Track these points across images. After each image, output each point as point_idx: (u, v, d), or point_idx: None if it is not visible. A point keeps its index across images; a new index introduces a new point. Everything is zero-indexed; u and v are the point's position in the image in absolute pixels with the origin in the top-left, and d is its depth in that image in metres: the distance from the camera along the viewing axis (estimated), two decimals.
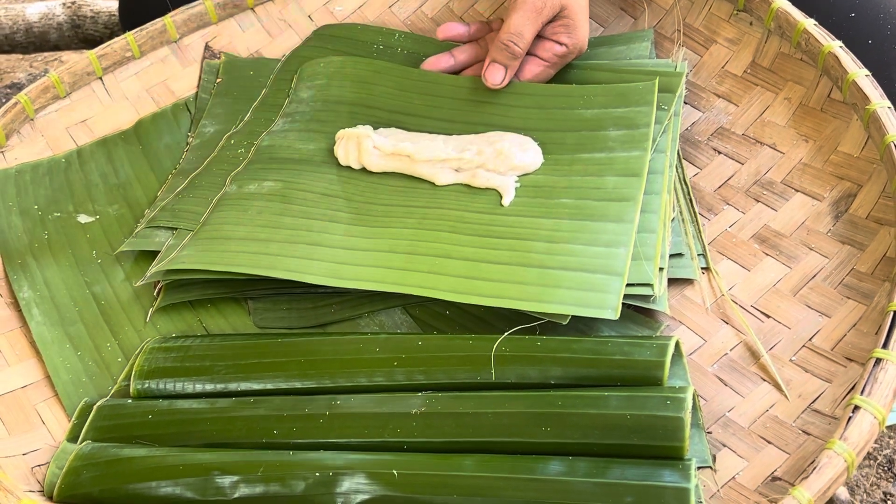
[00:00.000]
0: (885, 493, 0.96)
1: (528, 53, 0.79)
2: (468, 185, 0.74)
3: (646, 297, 0.66)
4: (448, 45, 0.86)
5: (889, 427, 1.00)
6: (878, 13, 0.79)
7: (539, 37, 0.78)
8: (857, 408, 0.55)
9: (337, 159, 0.79)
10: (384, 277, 0.68)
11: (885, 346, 0.57)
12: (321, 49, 0.89)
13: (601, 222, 0.68)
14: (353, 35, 0.90)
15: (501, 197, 0.72)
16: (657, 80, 0.76)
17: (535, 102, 0.78)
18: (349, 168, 0.78)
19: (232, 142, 0.83)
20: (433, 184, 0.75)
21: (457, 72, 0.84)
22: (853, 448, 0.53)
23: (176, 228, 0.76)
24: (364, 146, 0.77)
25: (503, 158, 0.74)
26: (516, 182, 0.73)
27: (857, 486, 0.97)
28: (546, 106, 0.78)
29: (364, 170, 0.78)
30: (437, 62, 0.83)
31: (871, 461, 0.99)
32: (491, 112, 0.79)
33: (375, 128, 0.80)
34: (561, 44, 0.78)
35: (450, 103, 0.81)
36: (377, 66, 0.84)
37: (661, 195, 0.71)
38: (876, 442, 1.00)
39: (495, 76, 0.78)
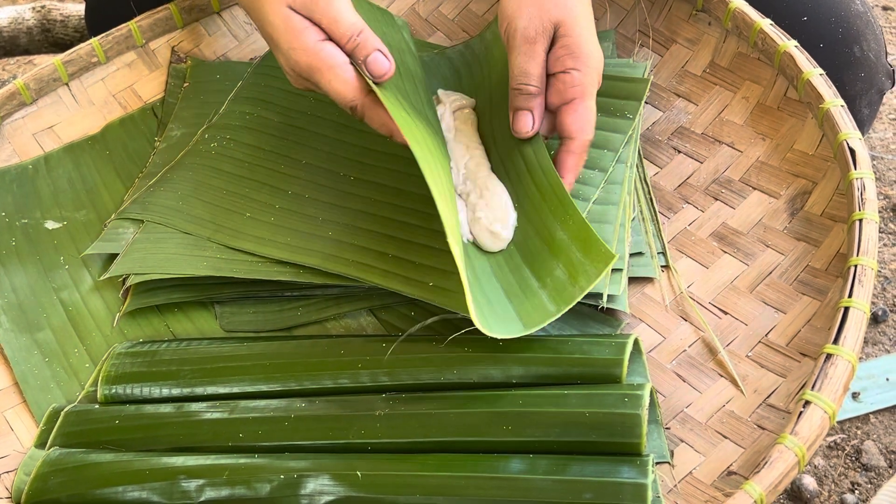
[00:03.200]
0: (852, 483, 0.98)
1: (555, 107, 0.71)
2: None
3: (608, 298, 0.67)
4: (429, 44, 0.86)
5: (856, 417, 1.02)
6: (830, 17, 0.80)
7: (549, 76, 0.71)
8: (807, 403, 0.56)
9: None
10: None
11: (835, 341, 0.58)
12: None
13: None
14: None
15: None
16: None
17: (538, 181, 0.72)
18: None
19: (206, 136, 0.84)
20: None
21: None
22: (804, 442, 0.54)
23: (143, 221, 0.77)
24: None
25: (473, 223, 0.70)
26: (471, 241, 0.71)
27: (825, 476, 0.99)
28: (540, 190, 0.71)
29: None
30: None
31: (840, 451, 1.00)
32: (519, 159, 0.73)
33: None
34: (568, 71, 0.69)
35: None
36: None
37: (619, 206, 0.72)
38: (843, 432, 1.01)
39: (523, 124, 0.71)
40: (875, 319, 1.10)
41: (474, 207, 0.70)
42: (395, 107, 0.66)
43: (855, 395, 1.02)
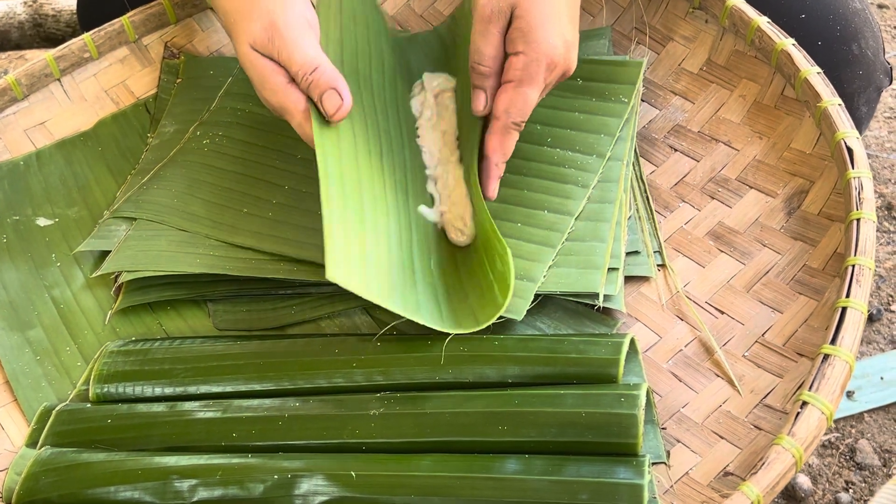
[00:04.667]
0: (846, 482, 0.98)
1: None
2: None
3: (604, 298, 0.67)
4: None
5: (851, 416, 1.02)
6: (828, 14, 0.80)
7: (506, 56, 0.70)
8: (804, 403, 0.56)
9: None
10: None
11: (833, 341, 0.58)
12: None
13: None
14: None
15: None
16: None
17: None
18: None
19: (199, 133, 0.83)
20: None
21: None
22: (801, 443, 0.54)
23: (136, 219, 0.76)
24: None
25: (442, 214, 0.72)
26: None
27: (819, 475, 0.99)
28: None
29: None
30: None
31: (834, 450, 1.00)
32: (475, 140, 0.73)
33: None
34: (517, 53, 0.68)
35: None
36: None
37: (615, 204, 0.72)
38: (837, 431, 1.01)
39: (476, 102, 0.71)
40: (870, 318, 1.10)
41: (441, 200, 0.72)
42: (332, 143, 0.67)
43: (849, 394, 1.01)
